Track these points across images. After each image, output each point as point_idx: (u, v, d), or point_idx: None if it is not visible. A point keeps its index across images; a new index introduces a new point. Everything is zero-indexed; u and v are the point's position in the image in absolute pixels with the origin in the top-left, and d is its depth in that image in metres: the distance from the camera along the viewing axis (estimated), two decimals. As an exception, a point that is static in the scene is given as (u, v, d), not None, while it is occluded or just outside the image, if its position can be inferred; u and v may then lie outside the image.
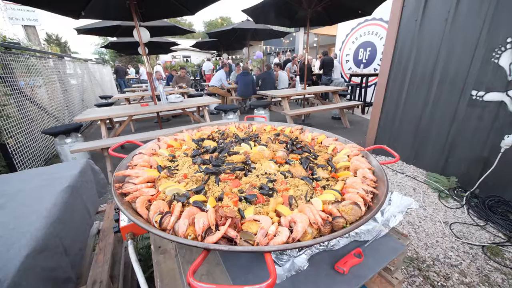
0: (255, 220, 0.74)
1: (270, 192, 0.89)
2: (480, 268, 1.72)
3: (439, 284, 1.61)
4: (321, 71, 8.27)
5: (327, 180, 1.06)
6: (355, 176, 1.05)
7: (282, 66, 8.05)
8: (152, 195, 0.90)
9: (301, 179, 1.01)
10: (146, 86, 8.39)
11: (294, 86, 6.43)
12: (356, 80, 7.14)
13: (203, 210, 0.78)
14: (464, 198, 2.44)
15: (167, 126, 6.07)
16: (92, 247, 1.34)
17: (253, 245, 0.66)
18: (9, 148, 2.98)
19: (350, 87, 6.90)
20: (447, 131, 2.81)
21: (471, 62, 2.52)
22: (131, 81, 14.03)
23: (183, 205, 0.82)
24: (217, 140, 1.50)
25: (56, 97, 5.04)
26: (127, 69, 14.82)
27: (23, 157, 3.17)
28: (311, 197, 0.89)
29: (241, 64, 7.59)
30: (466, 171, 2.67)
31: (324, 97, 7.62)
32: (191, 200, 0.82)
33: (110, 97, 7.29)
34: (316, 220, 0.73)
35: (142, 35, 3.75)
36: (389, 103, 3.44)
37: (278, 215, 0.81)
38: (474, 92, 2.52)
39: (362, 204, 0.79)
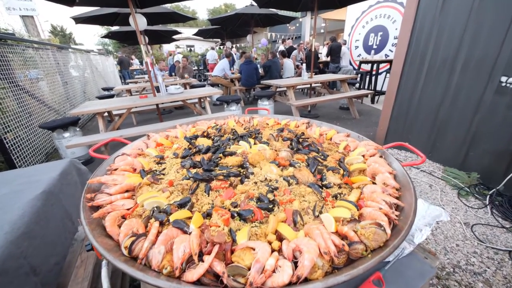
0: (250, 248, 0.58)
1: (270, 206, 0.73)
2: (508, 276, 1.55)
3: (461, 294, 1.45)
4: (329, 58, 7.86)
5: (339, 187, 0.88)
6: (373, 182, 0.87)
7: (286, 54, 7.68)
8: (129, 209, 0.75)
9: (308, 186, 0.85)
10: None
11: (300, 75, 6.13)
12: (366, 67, 6.76)
13: (185, 232, 0.63)
14: (488, 196, 2.22)
15: (169, 118, 5.93)
16: (78, 255, 1.23)
17: (244, 285, 0.50)
18: (7, 143, 2.90)
19: (359, 75, 6.54)
20: (470, 121, 2.55)
21: (501, 44, 2.22)
22: (135, 72, 13.83)
23: (162, 224, 0.67)
24: (212, 137, 1.33)
25: (56, 90, 4.95)
26: (131, 60, 14.57)
27: (22, 152, 3.10)
28: (320, 212, 0.72)
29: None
30: (490, 166, 2.43)
31: (331, 86, 7.27)
32: (171, 218, 0.67)
33: (112, 88, 7.17)
34: (328, 248, 0.56)
35: (138, 22, 3.54)
36: (404, 91, 3.16)
37: (279, 237, 0.65)
38: (504, 79, 2.23)
39: (387, 225, 0.62)
